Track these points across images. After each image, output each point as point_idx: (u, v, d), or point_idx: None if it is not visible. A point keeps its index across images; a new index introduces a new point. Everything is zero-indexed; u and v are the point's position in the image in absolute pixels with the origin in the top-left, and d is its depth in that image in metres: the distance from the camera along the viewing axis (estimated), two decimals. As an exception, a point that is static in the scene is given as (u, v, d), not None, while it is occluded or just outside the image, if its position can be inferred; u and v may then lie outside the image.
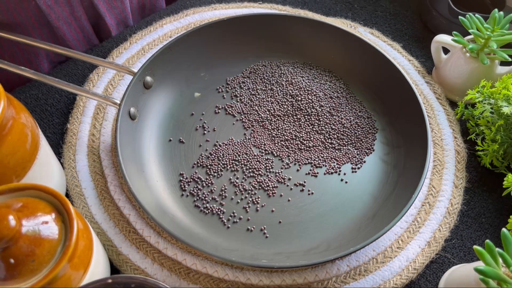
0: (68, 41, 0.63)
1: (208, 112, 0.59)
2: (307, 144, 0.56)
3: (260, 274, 0.47)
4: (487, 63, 0.55)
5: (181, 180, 0.52)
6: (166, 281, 0.46)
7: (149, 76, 0.55)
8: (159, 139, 0.55)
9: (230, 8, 0.69)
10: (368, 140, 0.56)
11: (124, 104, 0.51)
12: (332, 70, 0.62)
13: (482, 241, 0.51)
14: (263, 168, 0.54)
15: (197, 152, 0.55)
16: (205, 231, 0.49)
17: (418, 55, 0.66)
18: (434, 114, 0.59)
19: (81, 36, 0.64)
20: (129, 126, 0.52)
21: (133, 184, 0.47)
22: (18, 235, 0.33)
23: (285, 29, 0.62)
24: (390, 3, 0.73)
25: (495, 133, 0.53)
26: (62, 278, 0.34)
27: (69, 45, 0.63)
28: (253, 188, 0.52)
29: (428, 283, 0.48)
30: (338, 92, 0.60)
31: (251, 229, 0.49)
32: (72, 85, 0.53)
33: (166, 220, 0.46)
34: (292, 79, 0.61)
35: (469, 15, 0.57)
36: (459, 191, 0.53)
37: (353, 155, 0.55)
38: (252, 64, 0.63)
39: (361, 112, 0.58)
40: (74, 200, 0.51)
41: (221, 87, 0.61)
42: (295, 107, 0.59)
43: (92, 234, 0.40)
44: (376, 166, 0.54)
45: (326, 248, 0.47)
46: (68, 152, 0.54)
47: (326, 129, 0.57)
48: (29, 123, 0.43)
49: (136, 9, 0.70)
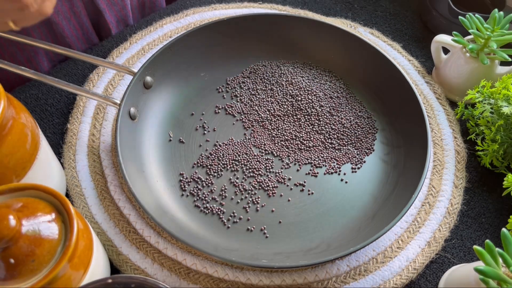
0: (67, 37, 0.63)
1: (208, 112, 0.59)
2: (307, 144, 0.56)
3: (260, 274, 0.47)
4: (487, 63, 0.55)
5: (181, 180, 0.52)
6: (166, 281, 0.46)
7: (149, 76, 0.55)
8: (159, 139, 0.55)
9: (230, 8, 0.69)
10: (368, 140, 0.56)
11: (124, 104, 0.51)
12: (332, 70, 0.62)
13: (482, 241, 0.51)
14: (263, 168, 0.54)
15: (197, 152, 0.55)
16: (205, 231, 0.49)
17: (418, 55, 0.66)
18: (434, 114, 0.59)
19: (80, 33, 0.64)
20: (129, 126, 0.52)
21: (133, 184, 0.47)
22: (18, 235, 0.33)
23: (285, 29, 0.62)
24: (390, 3, 0.73)
25: (495, 133, 0.53)
26: (62, 278, 0.34)
27: (68, 42, 0.63)
28: (253, 188, 0.52)
29: (428, 283, 0.48)
30: (338, 92, 0.60)
31: (251, 229, 0.49)
32: (72, 85, 0.53)
33: (166, 220, 0.46)
34: (292, 79, 0.61)
35: (469, 15, 0.57)
36: (459, 191, 0.53)
37: (353, 155, 0.55)
38: (252, 64, 0.63)
39: (361, 112, 0.58)
40: (74, 200, 0.51)
41: (221, 87, 0.61)
42: (295, 107, 0.59)
43: (92, 234, 0.40)
44: (376, 166, 0.54)
45: (326, 248, 0.47)
46: (68, 152, 0.54)
47: (326, 129, 0.57)
48: (29, 123, 0.43)
49: (136, 7, 0.70)
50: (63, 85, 0.52)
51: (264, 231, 0.49)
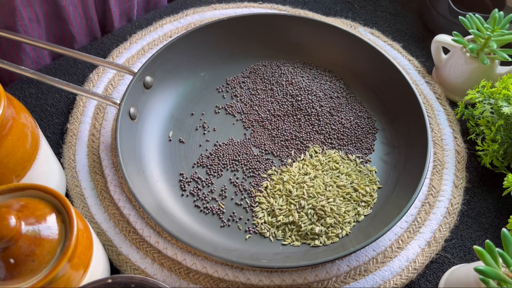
0: (71, 25, 0.62)
1: (208, 112, 0.59)
2: (307, 144, 0.56)
3: (260, 274, 0.47)
4: (487, 63, 0.55)
5: (181, 180, 0.52)
6: (166, 281, 0.46)
7: (149, 76, 0.55)
8: (159, 139, 0.55)
9: (230, 8, 0.69)
10: (368, 140, 0.56)
11: (124, 104, 0.51)
12: (332, 70, 0.62)
13: (482, 241, 0.51)
14: (263, 168, 0.54)
15: (197, 152, 0.55)
16: (205, 231, 0.49)
17: (418, 55, 0.66)
18: (434, 114, 0.59)
19: (84, 22, 0.64)
20: (129, 126, 0.52)
21: (133, 184, 0.47)
22: (18, 235, 0.33)
23: (285, 29, 0.62)
24: (390, 3, 0.73)
25: (495, 133, 0.53)
26: (62, 278, 0.34)
27: (71, 30, 0.63)
28: (253, 188, 0.52)
29: (428, 283, 0.48)
30: (338, 92, 0.60)
31: (251, 229, 0.49)
32: (72, 85, 0.53)
33: (166, 220, 0.46)
34: (292, 79, 0.61)
35: (469, 15, 0.57)
36: (459, 191, 0.53)
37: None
38: (252, 64, 0.63)
39: (361, 112, 0.58)
40: (74, 200, 0.51)
41: (221, 87, 0.61)
42: (295, 107, 0.59)
43: (92, 234, 0.40)
44: (376, 166, 0.54)
45: (326, 248, 0.47)
46: (68, 152, 0.54)
47: (326, 129, 0.57)
48: (29, 123, 0.43)
49: (141, 2, 0.70)
50: (63, 85, 0.52)
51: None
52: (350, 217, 0.49)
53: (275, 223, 0.49)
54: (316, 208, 0.49)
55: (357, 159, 0.54)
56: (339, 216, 0.49)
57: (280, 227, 0.49)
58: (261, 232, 0.49)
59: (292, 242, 0.48)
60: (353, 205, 0.50)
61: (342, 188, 0.51)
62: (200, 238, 0.47)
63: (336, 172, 0.52)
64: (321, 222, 0.48)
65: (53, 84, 0.52)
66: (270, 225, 0.49)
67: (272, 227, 0.49)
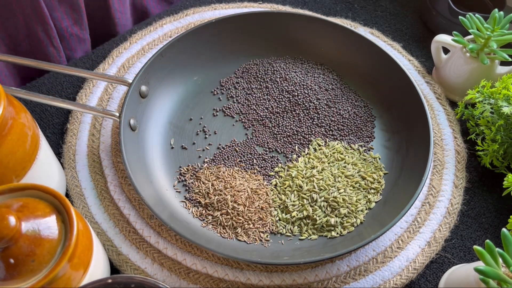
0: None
1: (207, 116, 0.58)
2: (309, 138, 0.56)
3: (260, 274, 0.47)
4: (487, 63, 0.55)
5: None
6: (166, 281, 0.46)
7: (144, 85, 0.54)
8: (162, 147, 0.55)
9: (230, 8, 0.69)
10: (367, 128, 0.57)
11: (124, 116, 0.51)
12: (324, 63, 0.63)
13: (482, 241, 0.51)
14: (270, 166, 0.53)
15: (202, 156, 0.54)
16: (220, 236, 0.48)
17: (418, 55, 0.66)
18: (434, 114, 0.59)
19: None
20: (131, 138, 0.51)
21: (145, 195, 0.46)
22: (18, 235, 0.33)
23: (272, 26, 0.62)
24: (390, 3, 0.73)
25: (495, 133, 0.53)
26: (62, 278, 0.34)
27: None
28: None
29: (428, 283, 0.48)
30: (332, 84, 0.60)
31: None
32: (68, 101, 0.51)
33: (182, 229, 0.45)
34: (286, 75, 0.61)
35: (469, 15, 0.57)
36: (459, 191, 0.53)
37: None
38: (244, 64, 0.63)
39: (357, 102, 0.59)
40: (74, 200, 0.51)
41: (215, 90, 0.61)
42: (292, 103, 0.59)
43: (92, 234, 0.40)
44: (379, 153, 0.54)
45: (344, 238, 0.47)
46: (68, 152, 0.54)
47: (326, 121, 0.57)
48: (29, 123, 0.43)
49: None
50: (58, 102, 0.51)
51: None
52: (362, 205, 0.50)
53: (290, 219, 0.49)
54: (329, 200, 0.49)
55: (360, 148, 0.55)
56: (352, 206, 0.49)
57: (295, 223, 0.49)
58: (277, 229, 0.49)
59: (309, 236, 0.48)
60: (363, 193, 0.51)
61: (350, 178, 0.51)
62: (217, 242, 0.47)
63: (342, 162, 0.53)
64: (335, 213, 0.49)
65: (48, 102, 0.51)
66: (285, 221, 0.49)
67: (287, 224, 0.49)
